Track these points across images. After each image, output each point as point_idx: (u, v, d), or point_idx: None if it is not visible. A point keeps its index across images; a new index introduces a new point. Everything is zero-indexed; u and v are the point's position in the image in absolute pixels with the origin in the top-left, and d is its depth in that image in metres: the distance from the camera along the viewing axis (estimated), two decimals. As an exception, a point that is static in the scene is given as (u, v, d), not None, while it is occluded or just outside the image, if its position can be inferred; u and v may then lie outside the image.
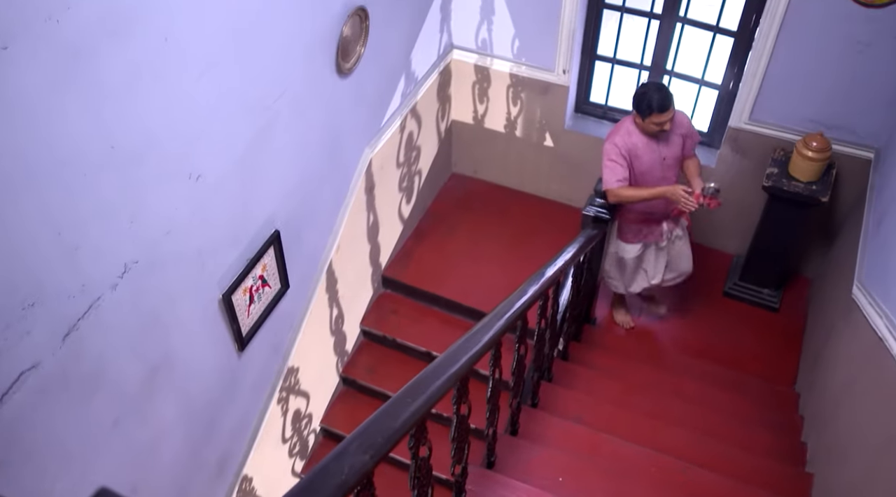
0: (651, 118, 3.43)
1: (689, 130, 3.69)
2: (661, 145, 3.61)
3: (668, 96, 3.41)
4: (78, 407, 2.44)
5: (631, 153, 3.58)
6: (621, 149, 3.57)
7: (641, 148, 3.59)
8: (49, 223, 2.09)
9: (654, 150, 3.60)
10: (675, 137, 3.64)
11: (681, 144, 3.67)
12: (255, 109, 2.90)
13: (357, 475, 1.41)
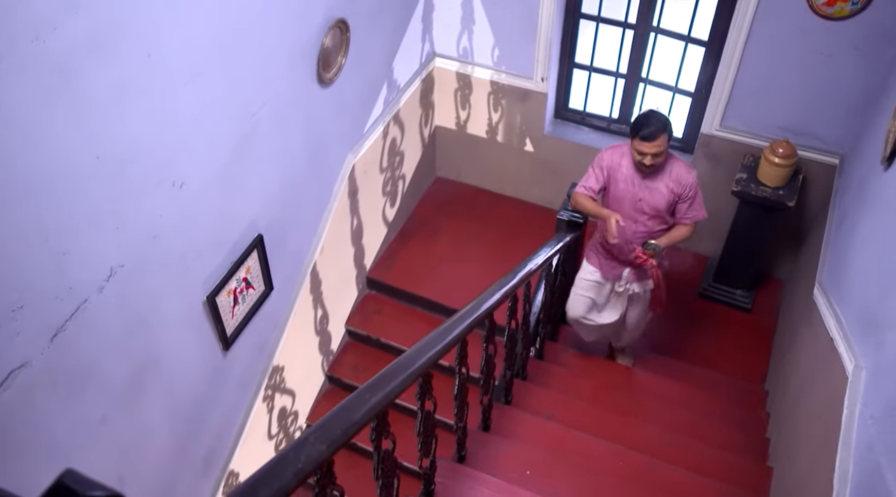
0: (635, 143, 3.28)
1: (685, 192, 3.40)
2: (642, 184, 3.41)
3: (656, 127, 3.20)
4: (67, 404, 2.56)
5: (611, 173, 3.47)
6: (604, 163, 3.50)
7: (622, 174, 3.45)
8: (38, 230, 2.22)
9: (633, 185, 3.43)
10: (661, 186, 3.39)
11: (666, 197, 3.41)
12: (237, 119, 3.02)
13: (313, 464, 1.55)
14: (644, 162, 3.28)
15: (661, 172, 3.39)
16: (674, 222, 3.53)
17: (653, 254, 3.42)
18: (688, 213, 3.47)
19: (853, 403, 2.27)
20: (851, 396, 2.30)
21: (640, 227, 3.50)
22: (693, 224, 3.52)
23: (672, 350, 4.49)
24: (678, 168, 3.41)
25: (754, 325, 4.60)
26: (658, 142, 3.22)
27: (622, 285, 3.74)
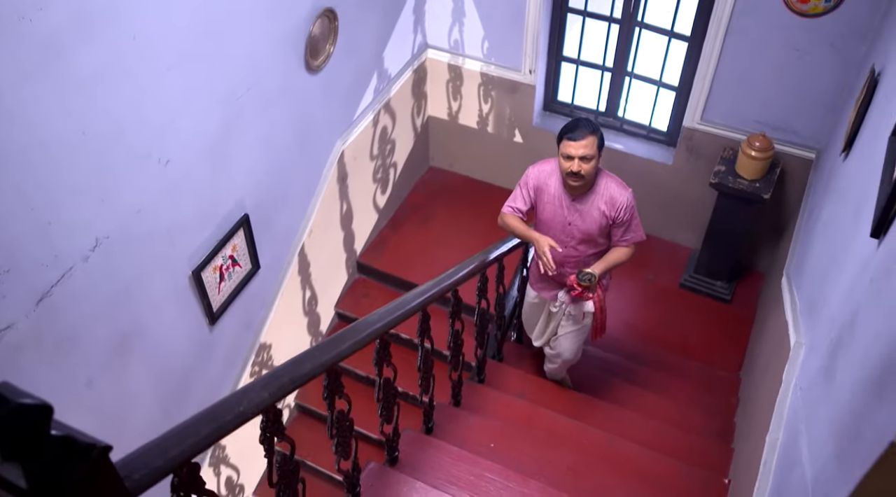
0: (561, 147, 3.00)
1: (619, 215, 3.11)
2: (572, 206, 3.14)
3: (584, 128, 2.96)
4: (52, 366, 2.71)
5: (538, 193, 3.20)
6: (531, 182, 3.22)
7: (550, 195, 3.17)
8: (23, 199, 2.37)
9: (561, 207, 3.16)
10: (593, 210, 3.11)
11: (598, 221, 3.13)
12: (223, 102, 3.16)
13: (255, 408, 1.68)
14: (572, 169, 2.96)
15: (592, 193, 3.11)
16: (610, 245, 3.26)
17: (588, 285, 3.11)
18: (625, 236, 3.20)
19: (790, 377, 2.38)
20: (789, 371, 2.41)
21: (572, 252, 3.23)
22: (630, 247, 3.25)
23: (650, 337, 4.60)
24: (612, 188, 3.11)
25: (733, 316, 4.69)
26: (585, 142, 2.93)
27: (556, 306, 3.47)
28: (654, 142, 4.76)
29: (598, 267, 3.17)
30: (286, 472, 1.94)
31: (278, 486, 1.92)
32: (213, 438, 1.59)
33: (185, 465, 1.47)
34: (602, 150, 3.06)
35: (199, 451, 1.50)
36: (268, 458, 1.84)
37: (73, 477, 1.09)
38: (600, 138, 3.03)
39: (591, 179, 3.06)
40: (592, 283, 3.11)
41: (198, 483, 1.54)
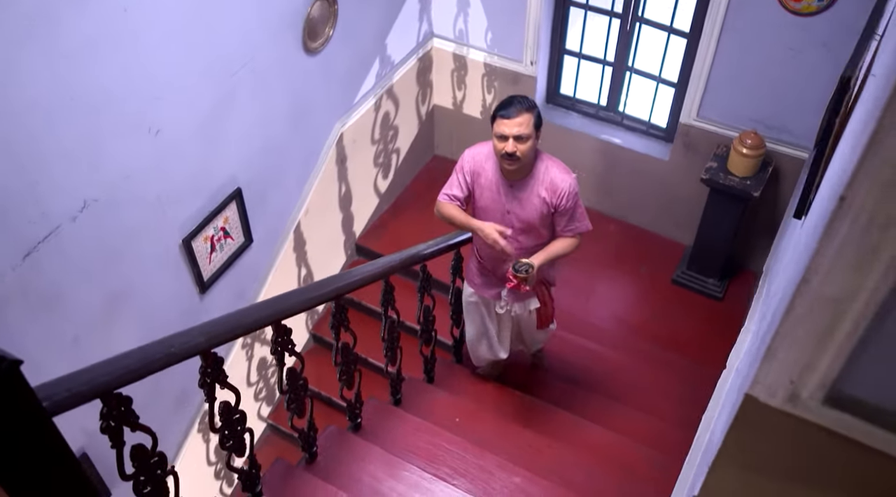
0: (495, 127, 2.81)
1: (561, 202, 2.88)
2: (510, 193, 2.93)
3: (519, 105, 2.78)
4: (38, 320, 2.86)
5: (475, 178, 2.98)
6: (465, 165, 2.99)
7: (487, 180, 2.95)
8: (11, 157, 2.51)
9: (499, 194, 2.94)
10: (532, 196, 2.88)
11: (539, 209, 2.90)
12: (216, 77, 3.29)
13: (187, 350, 1.80)
14: (506, 150, 2.74)
15: (531, 178, 2.89)
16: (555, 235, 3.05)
17: (525, 276, 2.82)
18: (568, 226, 2.97)
19: (733, 362, 2.43)
20: (733, 355, 2.47)
21: (512, 243, 2.96)
22: (575, 237, 3.03)
23: (639, 331, 4.64)
24: (552, 172, 2.88)
25: (724, 314, 4.71)
26: (520, 120, 2.73)
27: (502, 307, 3.25)
28: (653, 137, 4.80)
29: (537, 257, 2.91)
30: (229, 420, 2.05)
31: (221, 430, 2.03)
32: (141, 373, 1.70)
33: (112, 394, 1.58)
34: (540, 130, 2.85)
35: (124, 383, 1.61)
36: (208, 404, 1.95)
37: (-20, 383, 1.20)
38: (537, 117, 2.82)
39: (528, 163, 2.84)
40: (530, 274, 2.81)
41: (128, 415, 1.66)
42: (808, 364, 1.13)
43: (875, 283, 0.98)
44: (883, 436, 1.15)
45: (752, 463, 1.37)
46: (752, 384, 1.23)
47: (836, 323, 1.05)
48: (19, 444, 1.34)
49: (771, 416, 1.24)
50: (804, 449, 1.26)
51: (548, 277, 3.24)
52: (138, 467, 1.77)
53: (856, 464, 1.22)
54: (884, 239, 0.93)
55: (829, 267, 1.00)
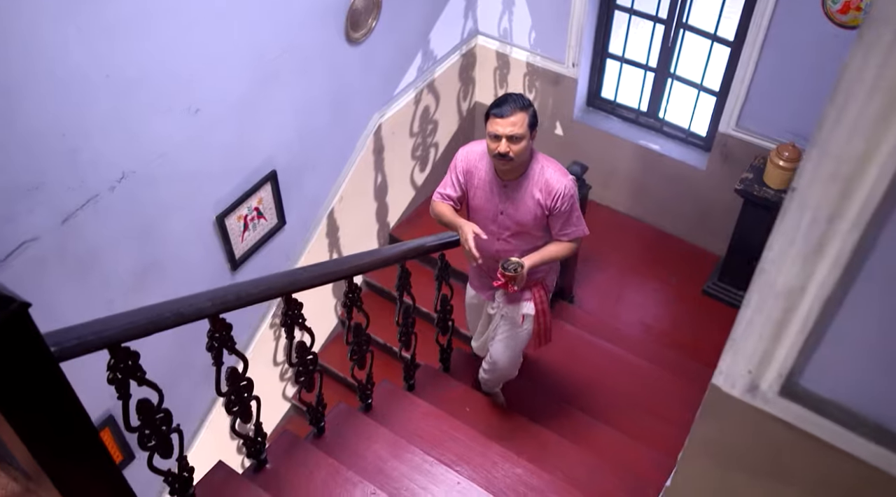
0: (488, 126, 2.72)
1: (556, 204, 2.79)
2: (503, 193, 2.84)
3: (513, 104, 2.69)
4: (73, 281, 3.01)
5: (468, 177, 2.92)
6: (459, 164, 2.95)
7: (480, 179, 2.89)
8: (55, 125, 2.65)
9: (492, 194, 2.86)
10: (526, 197, 2.80)
11: (533, 211, 2.81)
12: (257, 60, 3.40)
13: (193, 312, 1.89)
14: (499, 151, 2.66)
15: (526, 178, 2.80)
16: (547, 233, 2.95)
17: (513, 276, 2.73)
18: (564, 229, 2.87)
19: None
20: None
21: (505, 246, 2.91)
22: (572, 242, 2.93)
23: (665, 340, 4.62)
24: (548, 173, 2.79)
25: (753, 327, 4.65)
26: (514, 119, 2.63)
27: (494, 307, 3.17)
28: (691, 145, 4.77)
29: (530, 258, 2.83)
30: (236, 387, 2.14)
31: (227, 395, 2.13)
32: (148, 330, 1.80)
33: (119, 347, 1.68)
34: (535, 130, 2.76)
35: (131, 337, 1.71)
36: (216, 368, 2.04)
37: (-10, 322, 1.29)
38: (532, 116, 2.73)
39: (522, 163, 2.76)
40: (519, 273, 2.72)
41: (134, 369, 1.75)
42: (765, 355, 1.15)
43: (823, 275, 1.00)
44: (837, 431, 1.16)
45: (718, 454, 1.39)
46: (716, 374, 1.26)
47: (789, 314, 1.08)
48: (27, 385, 1.44)
49: (733, 407, 1.26)
50: (765, 441, 1.28)
51: (548, 282, 3.11)
52: (143, 421, 1.87)
53: (814, 460, 1.24)
54: (829, 231, 0.96)
55: (782, 258, 1.03)
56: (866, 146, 0.87)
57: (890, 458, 1.14)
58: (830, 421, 1.16)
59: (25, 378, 1.45)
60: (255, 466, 2.47)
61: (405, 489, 2.58)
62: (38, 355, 1.45)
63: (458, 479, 2.67)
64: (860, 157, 0.88)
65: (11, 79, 2.45)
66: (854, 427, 1.15)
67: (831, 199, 0.93)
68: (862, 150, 0.87)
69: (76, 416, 1.61)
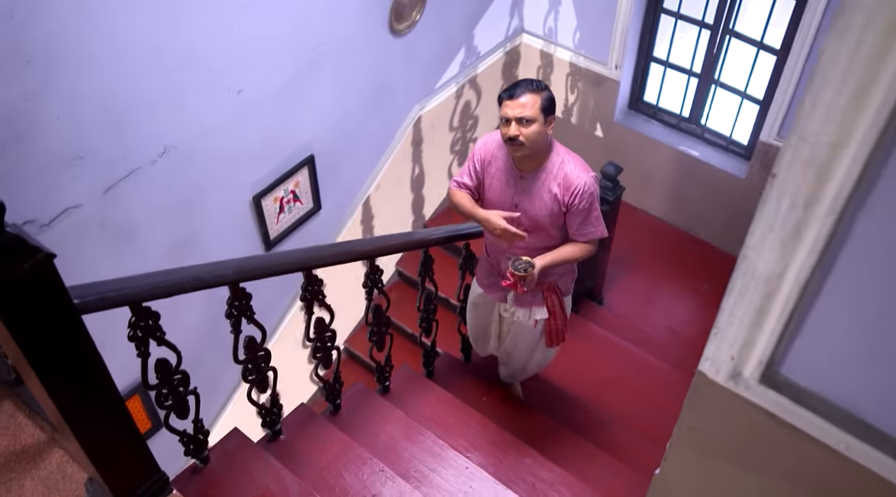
0: (501, 111, 2.61)
1: (574, 200, 2.64)
2: (519, 186, 2.71)
3: (526, 85, 2.57)
4: (111, 250, 3.13)
5: (485, 165, 2.79)
6: (477, 153, 2.82)
7: (497, 169, 2.76)
8: (102, 98, 2.77)
9: (507, 186, 2.74)
10: (543, 190, 2.66)
11: (549, 206, 2.67)
12: (301, 46, 3.48)
13: (213, 278, 1.97)
14: (510, 134, 2.53)
15: (543, 171, 2.67)
16: (565, 232, 2.79)
17: (523, 276, 2.59)
18: (581, 228, 2.71)
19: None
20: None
21: (520, 243, 2.74)
22: (589, 243, 2.77)
23: (691, 346, 4.59)
24: (569, 167, 2.65)
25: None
26: (524, 101, 2.51)
27: (507, 309, 3.04)
28: (732, 153, 4.73)
29: (542, 258, 2.68)
30: (254, 356, 2.22)
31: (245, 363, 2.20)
32: (169, 292, 1.88)
33: (139, 305, 1.77)
34: (552, 117, 2.61)
35: (151, 297, 1.79)
36: (234, 336, 2.12)
37: (19, 268, 1.39)
38: (547, 100, 2.58)
39: (536, 150, 2.61)
40: (529, 274, 2.59)
41: (155, 329, 1.84)
42: (747, 341, 1.17)
43: (801, 261, 1.02)
44: (815, 422, 1.18)
45: (704, 442, 1.41)
46: (702, 360, 1.28)
47: (769, 301, 1.10)
48: (51, 334, 1.53)
49: (718, 394, 1.28)
50: (747, 430, 1.30)
51: (560, 285, 2.97)
52: (161, 379, 1.95)
53: (794, 450, 1.25)
54: (806, 216, 0.98)
55: (762, 243, 1.05)
56: (840, 131, 0.89)
57: (866, 450, 1.15)
58: (809, 411, 1.17)
59: (50, 326, 1.54)
60: (270, 437, 2.55)
61: (414, 470, 2.63)
62: (62, 305, 1.54)
63: (468, 465, 2.71)
64: (834, 143, 0.90)
65: (67, 51, 2.57)
66: (831, 418, 1.16)
67: (808, 184, 0.95)
68: (836, 136, 0.89)
69: (95, 369, 1.70)
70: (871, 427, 1.14)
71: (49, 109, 2.62)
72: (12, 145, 2.59)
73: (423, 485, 2.52)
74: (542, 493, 2.77)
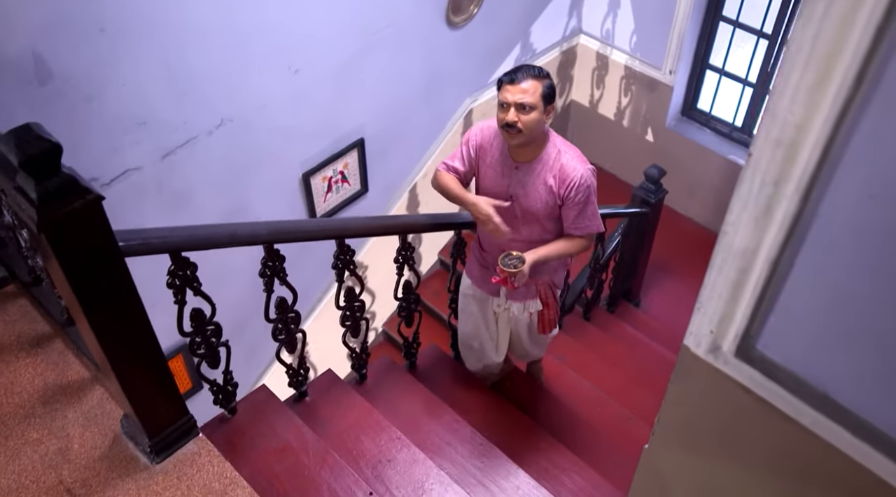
0: (499, 96, 2.52)
1: (570, 193, 2.55)
2: (515, 176, 2.62)
3: (527, 70, 2.47)
4: (166, 213, 3.31)
5: (480, 154, 2.71)
6: (473, 140, 2.73)
7: (492, 158, 2.67)
8: (166, 67, 2.94)
9: (502, 176, 2.65)
10: (539, 182, 2.57)
11: (544, 198, 2.59)
12: (358, 31, 3.61)
13: (248, 236, 2.10)
14: (507, 120, 2.45)
15: (540, 162, 2.58)
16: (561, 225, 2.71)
17: (513, 273, 2.53)
18: (577, 222, 2.63)
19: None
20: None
21: (515, 235, 2.68)
22: (584, 238, 2.69)
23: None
24: (565, 159, 2.56)
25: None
26: (525, 86, 2.42)
27: (499, 305, 2.97)
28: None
29: (533, 253, 2.60)
30: (284, 317, 2.36)
31: (275, 323, 2.34)
32: (205, 245, 2.02)
33: (178, 255, 1.91)
34: (552, 106, 2.51)
35: (190, 248, 1.93)
36: (266, 295, 2.26)
37: (69, 205, 1.54)
38: (548, 88, 2.48)
39: (533, 139, 2.53)
40: (519, 270, 2.52)
41: (192, 279, 1.98)
42: (725, 315, 1.24)
43: (772, 237, 1.09)
44: (787, 398, 1.24)
45: (687, 417, 1.48)
46: (687, 334, 1.35)
47: (745, 275, 1.17)
48: (98, 272, 1.68)
49: (699, 368, 1.35)
50: (726, 405, 1.36)
51: (553, 279, 2.90)
52: (195, 328, 2.10)
53: (769, 428, 1.31)
54: (776, 194, 1.05)
55: (738, 220, 1.12)
56: (805, 112, 0.95)
57: (832, 427, 1.21)
58: (780, 386, 1.23)
59: (97, 266, 1.68)
60: (296, 397, 2.68)
61: (430, 442, 2.73)
62: (109, 246, 1.68)
63: (483, 441, 2.79)
64: (799, 124, 0.97)
65: (138, 21, 2.75)
66: (801, 394, 1.22)
67: (778, 163, 1.02)
68: (801, 117, 0.96)
69: (138, 314, 1.84)
70: (837, 404, 1.19)
71: (117, 75, 2.81)
72: (81, 106, 2.78)
73: (437, 456, 2.62)
74: (554, 477, 2.84)
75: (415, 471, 2.48)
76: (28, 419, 2.19)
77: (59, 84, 2.65)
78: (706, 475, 1.53)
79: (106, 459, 2.11)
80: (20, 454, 2.11)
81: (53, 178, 1.51)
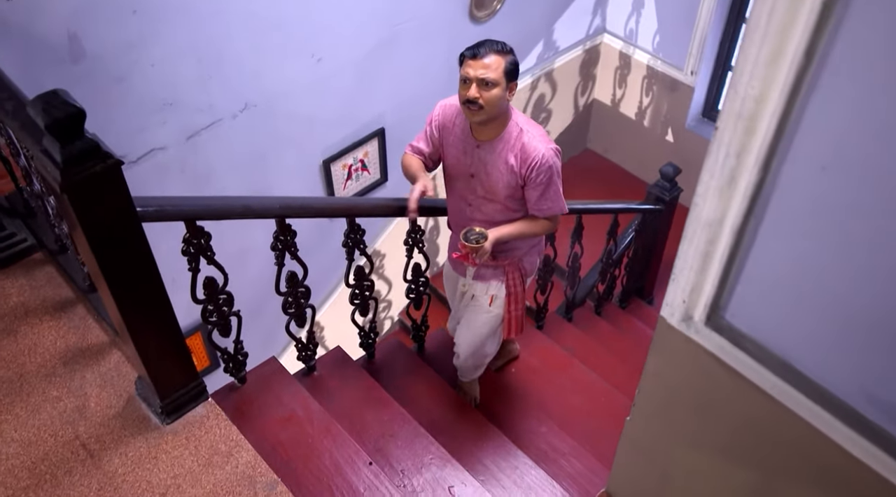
0: (461, 71, 2.41)
1: (531, 173, 2.48)
2: (476, 154, 2.55)
3: (490, 45, 2.38)
4: (188, 193, 3.40)
5: (443, 131, 2.65)
6: (435, 117, 2.68)
7: (455, 136, 2.61)
8: (194, 50, 3.06)
9: (464, 154, 2.59)
10: (500, 163, 2.51)
11: (505, 178, 2.52)
12: (382, 22, 3.71)
13: (261, 208, 2.20)
14: (469, 95, 2.37)
15: (501, 141, 2.51)
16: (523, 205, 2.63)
17: (475, 248, 2.48)
18: (539, 203, 2.56)
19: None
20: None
21: (476, 214, 2.65)
22: (548, 219, 2.64)
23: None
24: (527, 138, 2.48)
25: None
26: (488, 62, 2.34)
27: (464, 284, 2.92)
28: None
29: (497, 231, 2.56)
30: (294, 290, 2.45)
31: (285, 296, 2.44)
32: (218, 215, 2.11)
33: (193, 223, 2.01)
34: (515, 83, 2.45)
35: (205, 217, 2.02)
36: (277, 268, 2.35)
37: (91, 168, 1.64)
38: (511, 64, 2.41)
39: (495, 116, 2.45)
40: (481, 245, 2.48)
41: (206, 249, 2.08)
42: (696, 285, 1.30)
43: (736, 207, 1.15)
44: (752, 366, 1.30)
45: (664, 387, 1.54)
46: (663, 306, 1.42)
47: (712, 246, 1.23)
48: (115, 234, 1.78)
49: (674, 338, 1.41)
50: (698, 373, 1.42)
51: (522, 263, 2.82)
52: (207, 296, 2.20)
53: (736, 395, 1.37)
54: (739, 166, 1.11)
55: (706, 191, 1.19)
56: (762, 86, 1.02)
57: (793, 393, 1.26)
58: (746, 354, 1.30)
59: (116, 230, 1.79)
60: (305, 371, 2.77)
61: (433, 418, 2.81)
62: (127, 210, 1.78)
63: (484, 422, 2.87)
64: (758, 97, 1.03)
65: (170, 5, 2.86)
66: (764, 362, 1.28)
67: (739, 135, 1.08)
68: (759, 90, 1.02)
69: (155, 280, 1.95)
70: (798, 372, 1.25)
71: (147, 57, 2.93)
72: (112, 86, 2.90)
73: (440, 433, 2.69)
74: (553, 461, 2.90)
75: (415, 446, 2.56)
76: (49, 378, 2.30)
77: (90, 63, 2.77)
78: (685, 444, 1.59)
79: (119, 418, 2.22)
80: (40, 410, 2.23)
81: (77, 141, 1.61)
